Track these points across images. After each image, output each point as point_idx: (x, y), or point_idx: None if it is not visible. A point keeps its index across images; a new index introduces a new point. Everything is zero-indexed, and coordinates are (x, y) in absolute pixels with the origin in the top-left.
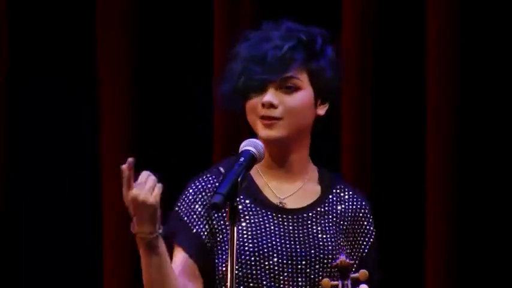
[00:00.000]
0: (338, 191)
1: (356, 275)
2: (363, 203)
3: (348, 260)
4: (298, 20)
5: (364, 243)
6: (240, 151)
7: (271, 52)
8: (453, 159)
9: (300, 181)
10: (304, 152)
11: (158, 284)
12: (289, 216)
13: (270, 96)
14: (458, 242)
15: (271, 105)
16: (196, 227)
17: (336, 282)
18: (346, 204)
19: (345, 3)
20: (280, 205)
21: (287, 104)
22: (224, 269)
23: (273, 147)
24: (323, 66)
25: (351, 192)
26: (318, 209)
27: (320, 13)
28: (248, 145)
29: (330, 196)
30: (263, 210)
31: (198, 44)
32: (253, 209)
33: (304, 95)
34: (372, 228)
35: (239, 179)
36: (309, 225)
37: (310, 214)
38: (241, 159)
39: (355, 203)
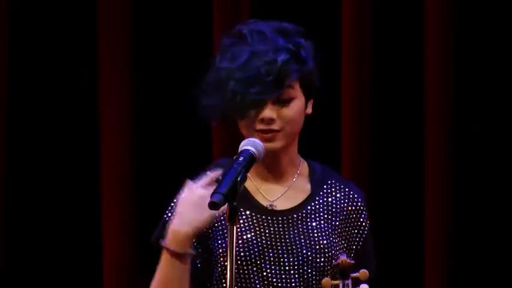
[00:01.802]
0: (329, 186)
1: (356, 274)
2: (355, 196)
3: (348, 260)
4: (298, 20)
5: (359, 235)
6: (239, 150)
7: (265, 68)
8: (453, 159)
9: (290, 179)
10: (294, 150)
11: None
12: (279, 218)
13: (269, 112)
14: (458, 242)
15: (271, 120)
16: None
17: (336, 282)
18: (337, 199)
19: (345, 3)
20: (270, 207)
21: (285, 116)
22: (217, 278)
23: (269, 155)
24: (311, 69)
25: (342, 186)
26: (309, 207)
27: (319, 13)
28: (248, 145)
29: (321, 193)
30: (253, 214)
31: (198, 44)
32: (243, 214)
33: (298, 103)
34: (365, 220)
35: (238, 179)
36: (300, 225)
37: (300, 214)
38: (241, 158)
39: (346, 198)
